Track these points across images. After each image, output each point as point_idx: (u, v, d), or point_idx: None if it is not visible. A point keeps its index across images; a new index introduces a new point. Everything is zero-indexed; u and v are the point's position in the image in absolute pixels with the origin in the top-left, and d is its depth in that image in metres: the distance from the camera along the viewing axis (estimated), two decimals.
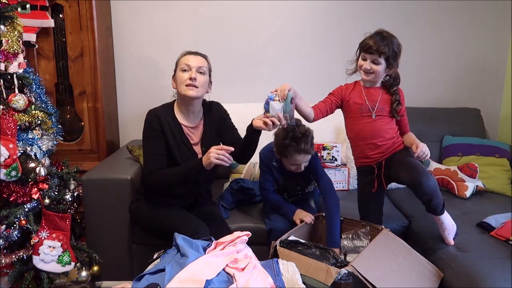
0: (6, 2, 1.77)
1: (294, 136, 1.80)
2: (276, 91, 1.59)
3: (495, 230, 1.82)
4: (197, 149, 1.86)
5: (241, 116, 2.52)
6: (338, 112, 2.65)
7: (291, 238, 1.68)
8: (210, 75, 1.87)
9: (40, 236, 1.83)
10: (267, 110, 1.57)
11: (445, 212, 1.78)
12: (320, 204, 2.12)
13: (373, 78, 1.81)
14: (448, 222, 1.78)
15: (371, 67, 1.77)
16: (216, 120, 1.93)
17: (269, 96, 1.58)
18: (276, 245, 1.61)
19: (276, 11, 2.76)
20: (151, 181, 1.77)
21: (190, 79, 1.75)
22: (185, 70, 1.78)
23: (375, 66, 1.77)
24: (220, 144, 1.99)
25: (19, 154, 1.77)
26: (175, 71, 1.85)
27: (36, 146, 1.84)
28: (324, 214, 1.92)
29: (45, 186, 1.87)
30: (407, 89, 2.87)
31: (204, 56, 1.86)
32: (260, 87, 2.83)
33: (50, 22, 2.32)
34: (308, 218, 1.88)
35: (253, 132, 1.68)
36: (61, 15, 2.40)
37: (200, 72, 1.79)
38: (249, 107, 2.62)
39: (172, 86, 1.87)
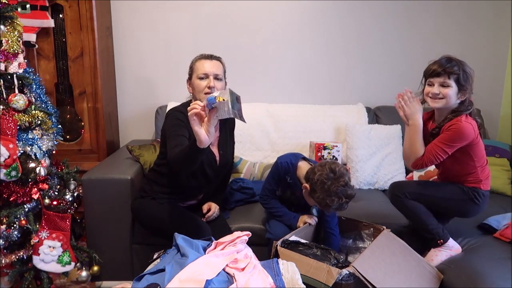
0: (6, 2, 1.77)
1: (343, 202, 1.62)
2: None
3: (498, 231, 1.81)
4: (215, 150, 1.88)
5: None
6: (338, 112, 2.67)
7: (292, 238, 1.67)
8: (225, 77, 1.87)
9: (40, 236, 1.83)
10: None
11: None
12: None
13: (443, 104, 1.66)
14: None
15: (440, 91, 1.63)
16: (229, 125, 1.99)
17: (209, 98, 1.34)
18: (277, 246, 1.61)
19: (276, 11, 2.75)
20: (171, 157, 1.61)
21: (209, 87, 1.75)
22: (202, 78, 1.78)
23: (444, 89, 1.63)
24: (233, 147, 2.06)
25: (19, 154, 1.77)
26: (190, 75, 1.84)
27: (36, 146, 1.84)
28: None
29: (45, 186, 1.87)
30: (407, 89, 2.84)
31: (219, 59, 1.85)
32: (260, 87, 2.83)
33: (50, 22, 2.32)
34: (313, 220, 1.86)
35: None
36: (61, 15, 2.40)
37: (217, 79, 1.79)
38: (250, 107, 2.63)
39: (188, 90, 1.88)
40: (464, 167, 1.72)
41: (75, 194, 2.02)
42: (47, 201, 1.86)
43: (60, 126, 2.02)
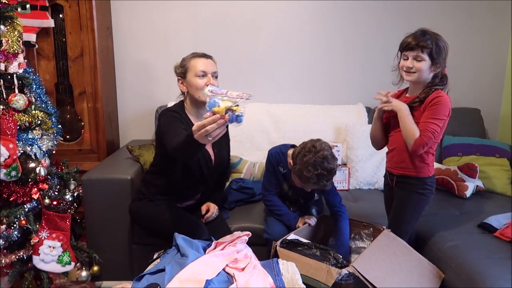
0: (6, 2, 1.77)
1: (319, 173, 1.63)
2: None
3: (499, 230, 1.81)
4: (209, 150, 1.87)
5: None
6: (338, 112, 2.67)
7: (291, 237, 1.67)
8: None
9: (40, 236, 1.83)
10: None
11: None
12: (324, 208, 2.03)
13: (416, 78, 1.65)
14: None
15: (413, 65, 1.63)
16: None
17: (240, 121, 1.32)
18: (276, 246, 1.61)
19: (276, 11, 2.75)
20: (172, 145, 1.56)
21: (207, 85, 1.75)
22: (200, 76, 1.78)
23: (417, 63, 1.62)
24: (229, 146, 2.05)
25: (19, 154, 1.77)
26: (184, 74, 1.83)
27: (36, 146, 1.84)
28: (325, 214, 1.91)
29: (45, 186, 1.87)
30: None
31: (212, 57, 1.86)
32: (260, 87, 2.83)
33: (50, 22, 2.32)
34: (312, 220, 1.86)
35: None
36: (61, 15, 2.40)
37: (215, 77, 1.81)
38: (250, 107, 2.63)
39: (180, 89, 1.86)
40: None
41: (75, 194, 2.02)
42: (47, 201, 1.86)
43: (60, 126, 2.02)
